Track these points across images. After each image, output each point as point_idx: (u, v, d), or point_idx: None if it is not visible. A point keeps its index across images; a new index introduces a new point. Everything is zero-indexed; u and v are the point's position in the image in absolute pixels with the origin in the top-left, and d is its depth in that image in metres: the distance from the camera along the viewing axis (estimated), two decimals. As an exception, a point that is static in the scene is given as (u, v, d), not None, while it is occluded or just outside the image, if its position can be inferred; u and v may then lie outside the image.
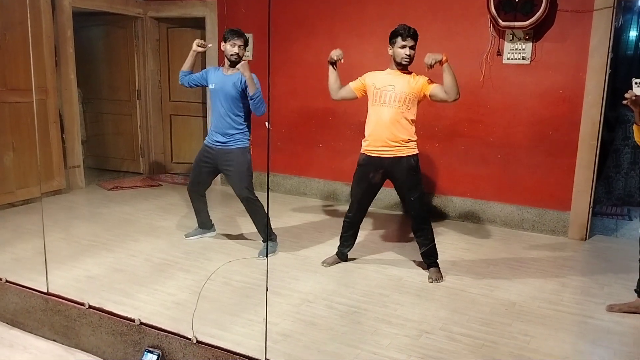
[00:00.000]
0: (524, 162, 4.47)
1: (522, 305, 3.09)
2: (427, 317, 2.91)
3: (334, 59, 3.39)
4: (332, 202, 5.28)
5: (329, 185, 5.35)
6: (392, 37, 3.27)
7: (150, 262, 3.60)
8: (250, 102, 3.54)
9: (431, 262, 3.47)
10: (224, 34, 3.64)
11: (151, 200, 5.26)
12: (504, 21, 4.22)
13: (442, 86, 3.22)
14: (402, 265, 3.68)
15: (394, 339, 2.66)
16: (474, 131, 4.61)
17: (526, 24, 4.14)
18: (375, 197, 3.56)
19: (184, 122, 6.46)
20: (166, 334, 2.50)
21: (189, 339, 2.44)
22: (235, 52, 3.59)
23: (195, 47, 3.73)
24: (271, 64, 5.25)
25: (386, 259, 3.79)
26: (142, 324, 2.57)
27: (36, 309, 2.88)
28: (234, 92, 3.62)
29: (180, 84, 3.88)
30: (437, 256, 3.49)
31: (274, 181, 5.61)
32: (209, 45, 3.78)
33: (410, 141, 3.32)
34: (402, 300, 3.12)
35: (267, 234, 3.76)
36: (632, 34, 5.29)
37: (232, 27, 3.68)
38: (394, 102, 3.27)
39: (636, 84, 2.72)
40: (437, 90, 3.24)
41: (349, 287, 3.28)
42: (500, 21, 4.23)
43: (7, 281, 3.01)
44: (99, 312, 2.68)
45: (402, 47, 3.24)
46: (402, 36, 3.22)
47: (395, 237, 4.33)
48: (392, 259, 3.80)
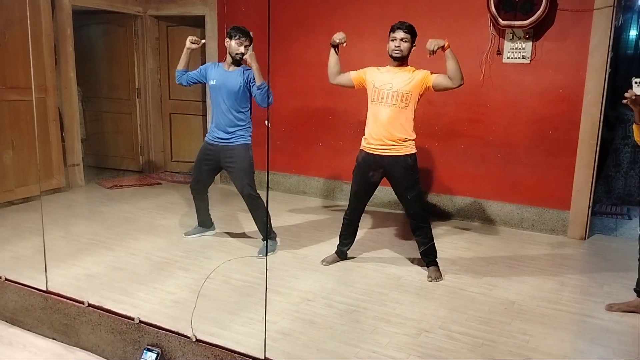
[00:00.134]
0: (524, 161, 4.47)
1: (521, 304, 3.09)
2: (426, 315, 2.91)
3: (336, 42, 3.38)
4: (331, 201, 5.28)
5: (329, 184, 5.35)
6: (389, 33, 3.29)
7: (149, 261, 3.60)
8: (257, 92, 3.52)
9: (430, 261, 3.48)
10: (229, 30, 3.59)
11: (151, 198, 5.26)
12: (504, 20, 4.22)
13: (444, 75, 3.19)
14: (402, 264, 3.68)
15: (393, 337, 2.67)
16: (473, 130, 4.61)
17: (526, 23, 4.14)
18: (372, 194, 3.56)
19: (183, 121, 6.46)
20: (165, 332, 2.50)
21: (189, 338, 2.44)
22: (241, 51, 3.58)
23: (188, 44, 3.70)
24: (271, 62, 5.23)
25: (385, 257, 3.79)
26: (141, 322, 2.57)
27: (35, 307, 2.88)
28: (237, 87, 3.60)
29: (177, 83, 3.83)
30: (437, 255, 3.49)
31: (274, 180, 5.61)
32: (202, 41, 3.75)
33: (407, 140, 3.31)
34: (401, 299, 3.12)
35: (267, 233, 3.76)
36: (632, 33, 5.29)
37: (234, 25, 3.64)
38: (391, 101, 3.26)
39: (636, 83, 2.72)
40: (439, 79, 3.22)
41: (348, 286, 3.28)
42: (500, 20, 4.23)
43: (6, 279, 3.01)
44: (99, 311, 2.68)
45: (392, 40, 3.25)
46: (393, 29, 3.24)
47: (394, 235, 4.33)
48: (392, 257, 3.80)
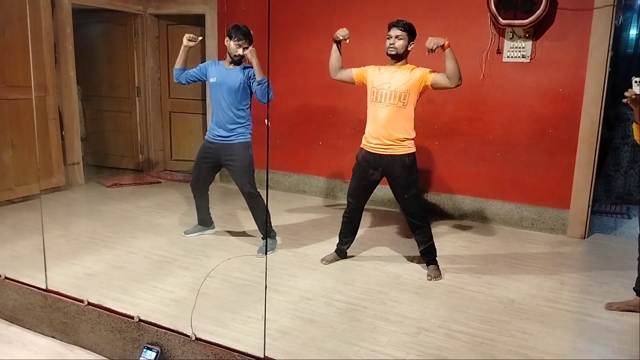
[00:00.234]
0: (524, 160, 4.47)
1: (520, 303, 3.09)
2: (425, 314, 2.91)
3: (339, 37, 3.38)
4: (331, 200, 5.28)
5: (329, 183, 5.35)
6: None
7: (149, 260, 3.60)
8: (257, 88, 3.52)
9: (430, 259, 3.48)
10: (229, 30, 3.58)
11: (150, 197, 5.26)
12: (504, 19, 4.21)
13: (443, 74, 3.18)
14: (401, 262, 3.68)
15: (392, 336, 2.67)
16: (473, 129, 4.61)
17: (526, 22, 4.14)
18: (372, 193, 3.56)
19: (183, 120, 6.46)
20: (165, 331, 2.50)
21: (188, 336, 2.45)
22: (239, 53, 3.57)
23: (185, 42, 3.68)
24: (271, 61, 5.23)
25: (385, 256, 3.79)
26: (141, 321, 2.57)
27: (35, 305, 2.88)
28: (237, 85, 3.59)
29: (176, 82, 3.81)
30: (436, 254, 3.49)
31: (274, 179, 5.61)
32: (199, 38, 3.74)
33: (406, 139, 3.30)
34: (400, 297, 3.12)
35: (267, 231, 3.76)
36: (632, 32, 5.28)
37: (235, 25, 3.61)
38: (389, 100, 3.26)
39: (636, 82, 2.72)
40: (437, 77, 3.21)
41: (347, 285, 3.28)
42: (500, 19, 4.23)
43: (6, 278, 3.01)
44: (98, 309, 2.68)
45: (388, 38, 3.26)
46: (389, 27, 3.25)
47: (394, 234, 4.33)
48: (391, 256, 3.80)
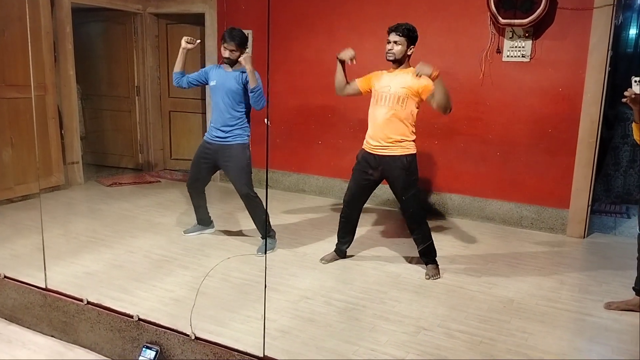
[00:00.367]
0: (523, 160, 4.47)
1: (520, 302, 3.09)
2: (425, 314, 2.91)
3: (344, 59, 3.33)
4: (331, 199, 5.28)
5: (328, 182, 5.34)
6: None
7: (148, 259, 3.60)
8: (250, 95, 3.56)
9: (429, 259, 3.48)
10: (223, 33, 3.62)
11: (150, 196, 5.26)
12: (503, 19, 4.21)
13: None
14: (400, 262, 3.68)
15: (392, 335, 2.67)
16: (473, 129, 4.61)
17: (526, 21, 4.14)
18: (370, 194, 3.56)
19: (183, 119, 6.46)
20: (164, 330, 2.50)
21: (188, 335, 2.44)
22: (226, 56, 3.61)
23: (184, 45, 3.70)
24: (271, 61, 5.25)
25: (384, 255, 3.79)
26: (140, 320, 2.57)
27: (35, 304, 2.88)
28: (235, 87, 3.63)
29: (176, 86, 3.81)
30: (435, 254, 3.49)
31: (273, 178, 5.61)
32: (197, 41, 3.76)
33: (404, 141, 3.30)
34: (400, 297, 3.12)
35: (266, 231, 3.76)
36: (632, 32, 5.29)
37: (233, 25, 3.67)
38: (388, 103, 3.27)
39: (636, 82, 2.71)
40: (431, 100, 3.23)
41: (347, 284, 3.28)
42: (500, 19, 4.22)
43: (5, 277, 3.01)
44: (98, 308, 2.68)
45: (387, 43, 3.25)
46: (388, 31, 3.25)
47: (393, 234, 4.33)
48: (390, 255, 3.80)
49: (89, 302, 2.72)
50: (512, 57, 4.38)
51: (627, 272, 3.38)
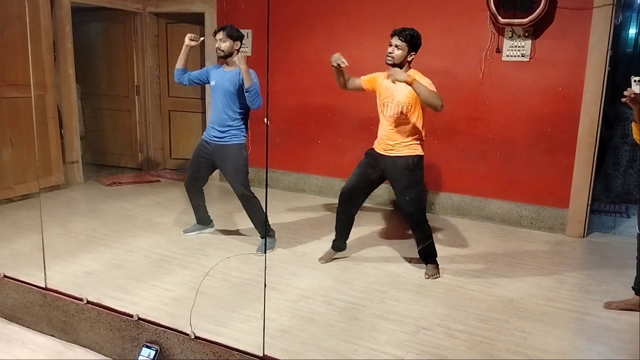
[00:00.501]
0: (523, 160, 4.47)
1: (519, 302, 3.10)
2: (424, 313, 2.92)
3: (334, 65, 3.29)
4: (330, 199, 5.28)
5: (328, 181, 5.34)
6: None
7: (148, 258, 3.60)
8: (245, 94, 3.55)
9: (429, 260, 3.48)
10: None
11: (149, 196, 5.26)
12: (503, 18, 4.21)
13: None
14: (400, 261, 3.68)
15: (391, 335, 2.67)
16: (472, 128, 4.61)
17: (526, 21, 4.14)
18: (370, 191, 3.55)
19: (182, 118, 6.46)
20: (164, 329, 2.50)
21: (187, 335, 2.45)
22: (217, 47, 3.63)
23: (187, 42, 3.72)
24: (270, 60, 5.25)
25: (384, 255, 3.79)
26: (140, 319, 2.57)
27: (34, 304, 2.88)
28: (232, 87, 3.64)
29: (177, 82, 3.83)
30: (436, 253, 3.49)
31: (273, 178, 5.61)
32: (201, 38, 3.77)
33: (412, 142, 3.30)
34: (399, 296, 3.12)
35: (265, 230, 3.77)
36: (632, 32, 5.28)
37: (232, 25, 3.68)
38: (394, 114, 3.28)
39: (635, 81, 2.71)
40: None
41: (346, 284, 3.28)
42: (499, 18, 4.22)
43: (5, 276, 3.01)
44: (97, 308, 2.68)
45: (389, 45, 3.24)
46: (392, 34, 3.24)
47: (393, 233, 4.33)
48: (390, 255, 3.80)
49: (88, 302, 2.72)
50: (511, 56, 4.38)
51: (627, 272, 3.38)
